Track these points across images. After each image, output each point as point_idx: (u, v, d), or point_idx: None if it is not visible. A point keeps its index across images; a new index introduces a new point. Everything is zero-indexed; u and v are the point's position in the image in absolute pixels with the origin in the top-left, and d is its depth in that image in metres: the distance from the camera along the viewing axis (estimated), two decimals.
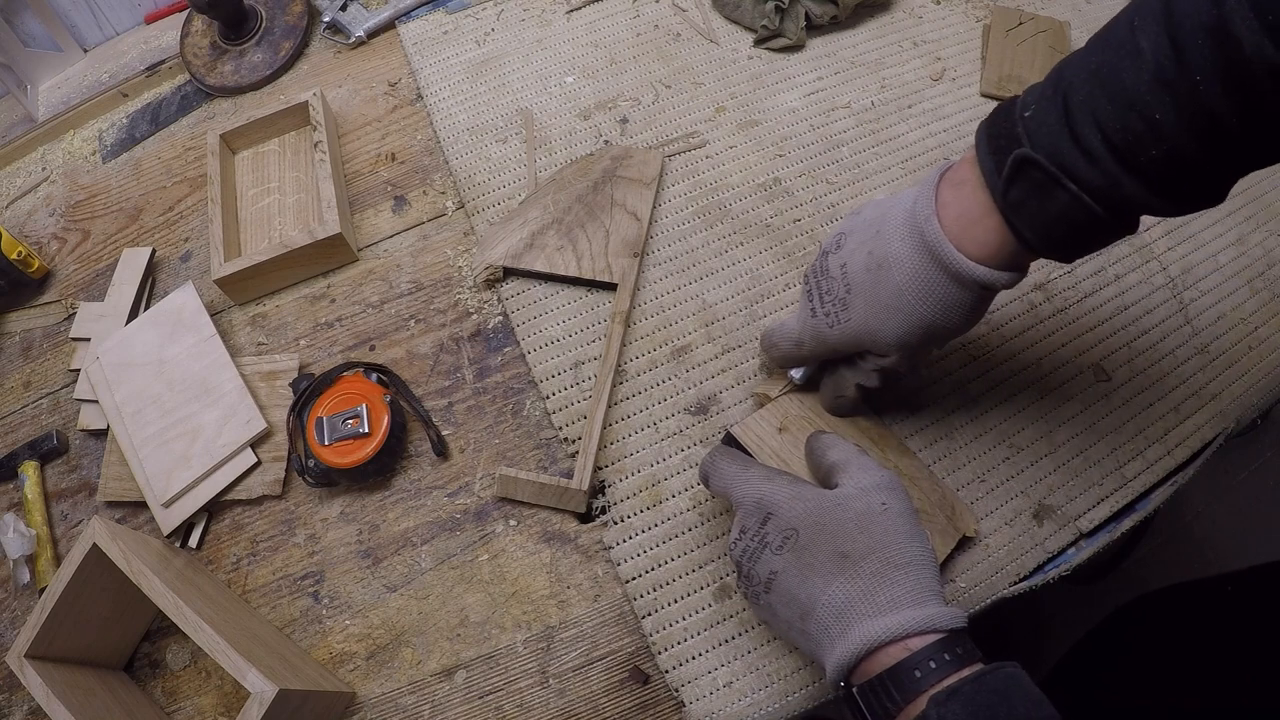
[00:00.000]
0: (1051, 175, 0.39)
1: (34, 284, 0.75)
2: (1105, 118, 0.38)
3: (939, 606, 0.41)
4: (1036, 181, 0.40)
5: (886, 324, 0.47)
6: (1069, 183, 0.39)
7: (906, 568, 0.42)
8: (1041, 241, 0.42)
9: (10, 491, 0.67)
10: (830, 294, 0.49)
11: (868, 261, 0.47)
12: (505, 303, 0.68)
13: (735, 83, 0.79)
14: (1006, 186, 0.41)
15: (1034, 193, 0.40)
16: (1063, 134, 0.39)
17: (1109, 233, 0.41)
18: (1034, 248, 0.42)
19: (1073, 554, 0.58)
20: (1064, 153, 0.39)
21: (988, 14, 0.83)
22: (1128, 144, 0.37)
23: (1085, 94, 0.38)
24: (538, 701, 0.55)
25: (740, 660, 0.54)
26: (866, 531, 0.43)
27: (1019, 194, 0.41)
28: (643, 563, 0.57)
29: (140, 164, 0.81)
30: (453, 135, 0.77)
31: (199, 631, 0.49)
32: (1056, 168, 0.39)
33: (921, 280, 0.45)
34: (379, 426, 0.60)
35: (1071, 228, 0.41)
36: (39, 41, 0.89)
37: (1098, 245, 0.43)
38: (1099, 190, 0.39)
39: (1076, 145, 0.39)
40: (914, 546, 0.43)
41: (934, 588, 0.42)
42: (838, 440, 0.50)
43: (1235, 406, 0.63)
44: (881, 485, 0.45)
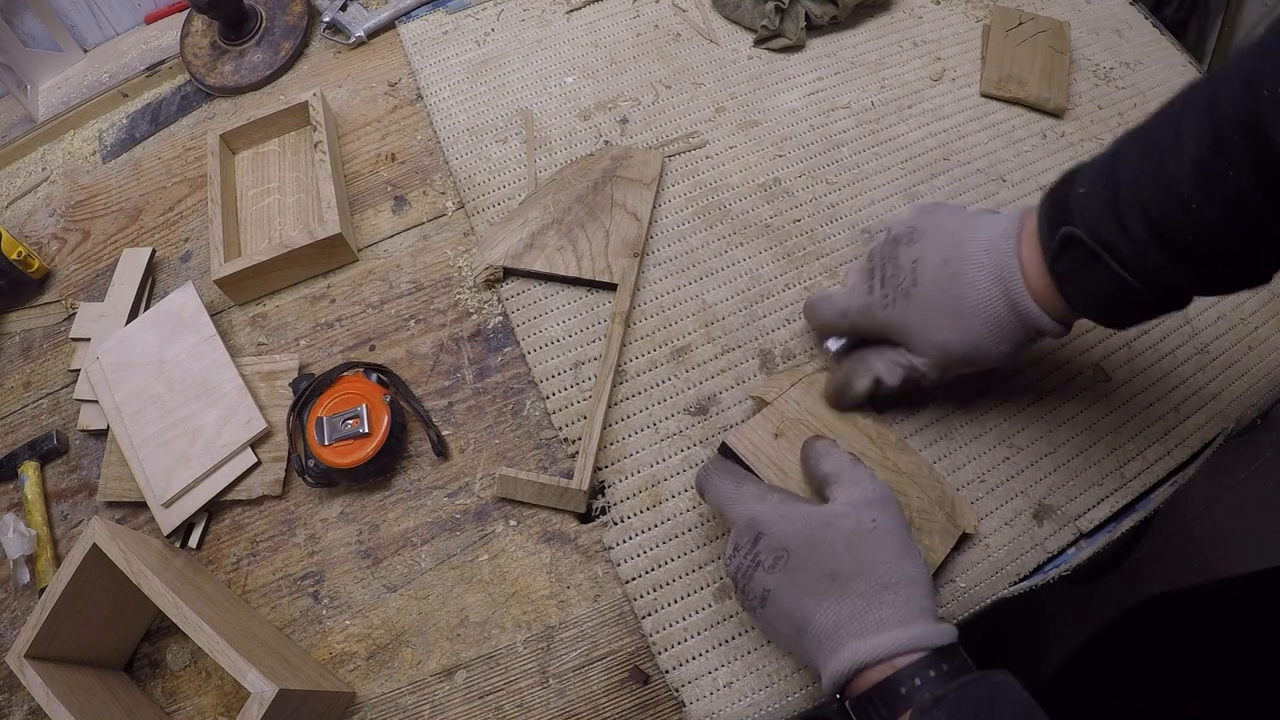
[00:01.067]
0: (1094, 252, 0.43)
1: (34, 284, 0.75)
2: (1148, 201, 0.41)
3: (927, 625, 0.41)
4: (1081, 257, 0.44)
5: (940, 327, 0.49)
6: (1110, 260, 0.42)
7: (895, 588, 0.42)
8: (1087, 309, 0.45)
9: (10, 491, 0.67)
10: (894, 280, 0.51)
11: (942, 270, 0.49)
12: (505, 303, 0.68)
13: (735, 83, 0.79)
14: (1054, 259, 0.45)
15: (1079, 266, 0.44)
16: (1109, 214, 0.42)
17: (1154, 307, 0.45)
18: (1081, 310, 0.46)
19: (1073, 554, 0.58)
20: (1108, 231, 0.42)
21: (988, 14, 0.83)
22: (1166, 227, 0.40)
23: (1133, 176, 0.42)
24: (538, 701, 0.55)
25: (740, 660, 0.54)
26: (855, 552, 0.43)
27: (1065, 266, 0.45)
28: (643, 563, 0.57)
29: (140, 164, 0.81)
30: (453, 135, 0.77)
31: (199, 631, 0.49)
32: (1099, 244, 0.42)
33: (988, 305, 0.48)
34: (379, 426, 0.60)
35: (1114, 300, 0.44)
36: (39, 41, 0.89)
37: (1147, 316, 0.46)
38: (1138, 269, 0.42)
39: (1120, 225, 0.42)
40: (903, 565, 0.43)
41: (923, 605, 0.42)
42: (831, 449, 0.50)
43: (1235, 406, 0.63)
44: (872, 500, 0.45)
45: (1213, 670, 0.60)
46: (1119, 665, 0.67)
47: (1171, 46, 0.83)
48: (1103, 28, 0.83)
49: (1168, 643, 0.66)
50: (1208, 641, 0.63)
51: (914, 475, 0.55)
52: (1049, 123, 0.76)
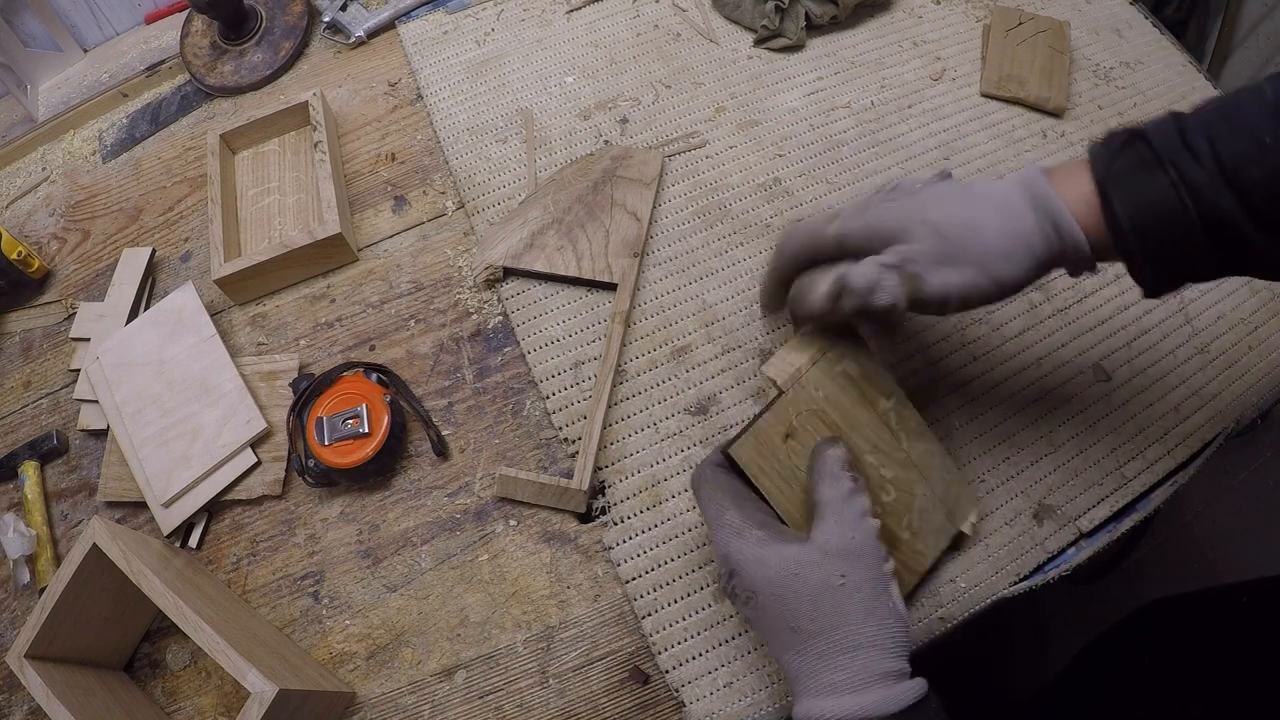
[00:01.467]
0: (1157, 155, 0.40)
1: (34, 284, 0.75)
2: (1218, 135, 0.39)
3: (884, 690, 0.40)
4: (1142, 158, 0.41)
5: (935, 207, 0.44)
6: (1171, 168, 0.40)
7: (854, 652, 0.41)
8: (1130, 221, 0.41)
9: (10, 491, 0.67)
10: (901, 189, 0.47)
11: (953, 185, 0.46)
12: (505, 303, 0.68)
13: (735, 83, 0.79)
14: (1112, 158, 0.42)
15: (1137, 169, 0.41)
16: (1175, 137, 0.40)
17: (1193, 247, 0.41)
18: (1120, 229, 0.41)
19: (1073, 554, 0.58)
20: (1173, 148, 0.40)
21: (988, 14, 0.83)
22: (1234, 160, 0.39)
23: (1201, 117, 0.41)
24: (538, 701, 0.55)
25: (740, 660, 0.54)
26: (818, 608, 0.42)
27: (1123, 165, 0.41)
28: (643, 563, 0.57)
29: (140, 164, 0.81)
30: (453, 135, 0.77)
31: (199, 631, 0.49)
32: (1164, 154, 0.40)
33: (1000, 193, 0.43)
34: (379, 426, 0.60)
35: (1161, 219, 0.40)
36: (39, 41, 0.89)
37: (1178, 264, 0.42)
38: (1197, 188, 0.39)
39: (1186, 148, 0.40)
40: (867, 628, 0.41)
41: (882, 669, 0.41)
42: (833, 471, 0.46)
43: (1235, 406, 0.63)
44: (847, 552, 0.42)
45: (1215, 676, 0.60)
46: (1121, 670, 0.67)
47: (1171, 46, 0.83)
48: (1103, 27, 0.83)
49: (1170, 648, 0.66)
50: (1210, 647, 0.63)
51: (925, 468, 0.53)
52: (1049, 122, 0.76)
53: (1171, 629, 0.68)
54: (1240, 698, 0.57)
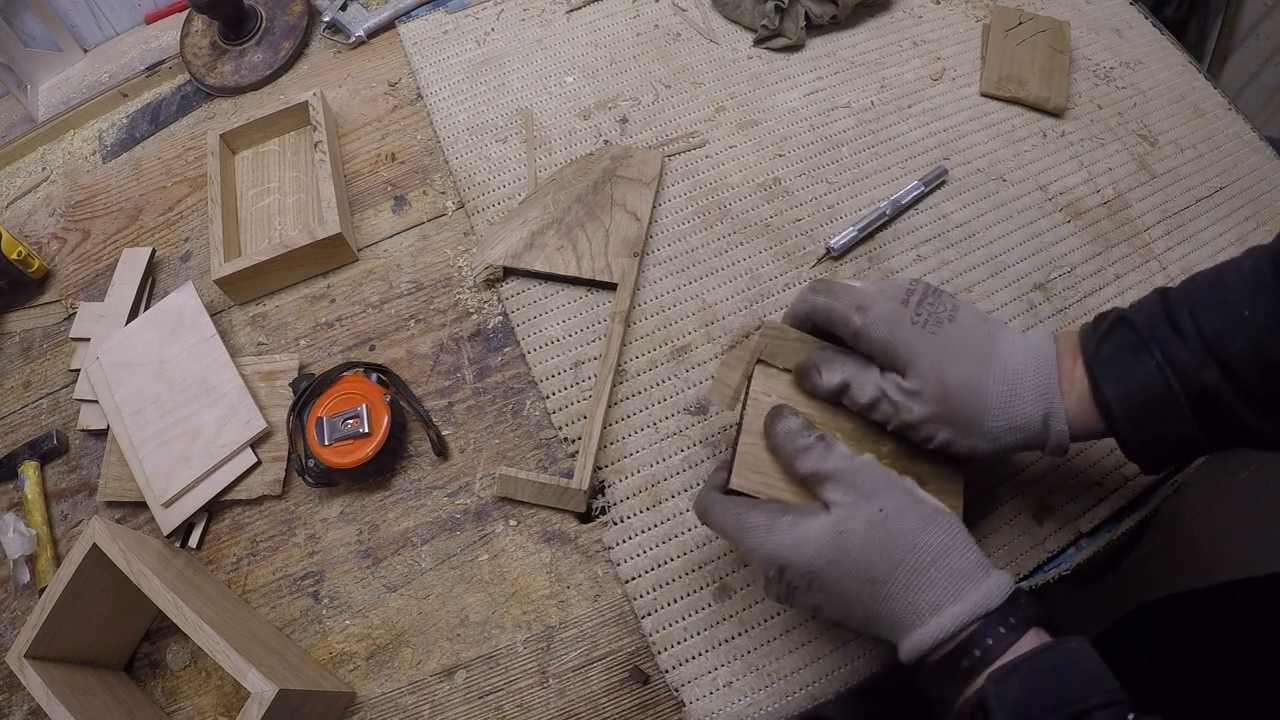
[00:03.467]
0: (1142, 339, 0.42)
1: (34, 284, 0.75)
2: (1200, 308, 0.41)
3: (977, 587, 0.40)
4: (1127, 343, 0.43)
5: (953, 366, 0.44)
6: (1156, 350, 0.42)
7: (933, 566, 0.41)
8: (1120, 404, 0.42)
9: (10, 491, 0.67)
10: (932, 307, 0.46)
11: (980, 321, 0.46)
12: (505, 303, 0.68)
13: (735, 83, 0.79)
14: (1099, 342, 0.44)
15: (1123, 353, 0.43)
16: (1160, 315, 0.43)
17: (1182, 425, 0.42)
18: (1111, 413, 0.43)
19: (1073, 554, 0.58)
20: (1157, 327, 0.42)
21: (988, 14, 0.83)
22: (1216, 332, 0.40)
23: (1183, 291, 0.43)
24: (538, 701, 0.55)
25: (740, 660, 0.54)
26: (880, 550, 0.41)
27: (1109, 350, 0.43)
28: (643, 563, 0.57)
29: (140, 164, 0.81)
30: (453, 135, 0.77)
31: (199, 631, 0.49)
32: (1148, 336, 0.42)
33: (1012, 371, 0.44)
34: (379, 426, 0.60)
35: (1150, 401, 0.42)
36: (39, 41, 0.89)
37: (1172, 442, 0.43)
38: (1183, 367, 0.41)
39: (1171, 325, 0.42)
40: (931, 539, 0.41)
41: (967, 569, 0.41)
42: (797, 443, 0.45)
43: None
44: (868, 490, 0.43)
45: (1212, 675, 0.60)
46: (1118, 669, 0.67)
47: (1171, 46, 0.83)
48: (1103, 27, 0.83)
49: (1166, 647, 0.66)
50: (1205, 646, 0.63)
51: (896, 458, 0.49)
52: (1049, 122, 0.76)
53: (1166, 628, 0.68)
54: (1237, 696, 0.57)
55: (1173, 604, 0.69)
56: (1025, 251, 0.69)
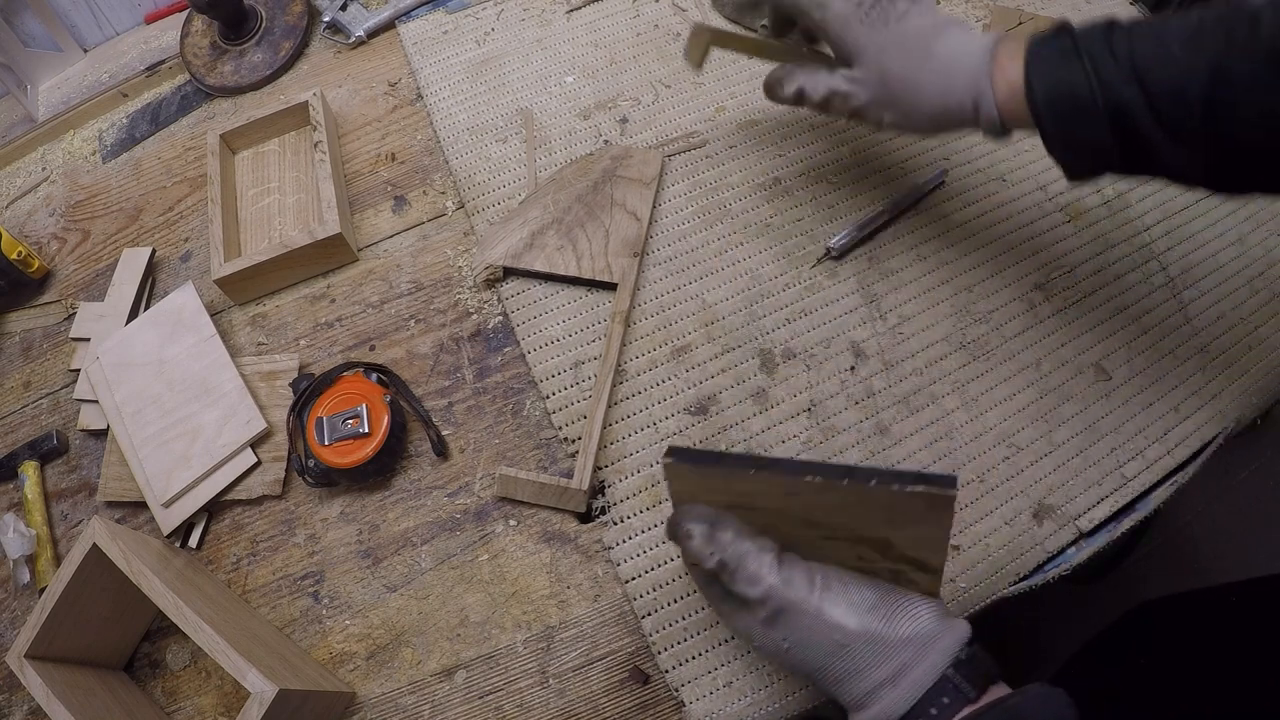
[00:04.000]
0: (1077, 48, 0.46)
1: (34, 284, 0.75)
2: (1138, 39, 0.45)
3: (909, 674, 0.40)
4: (1063, 47, 0.47)
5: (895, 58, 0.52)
6: (1087, 60, 0.46)
7: (846, 681, 0.41)
8: (1045, 98, 0.47)
9: (10, 491, 0.67)
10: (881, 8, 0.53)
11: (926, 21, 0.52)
12: (505, 303, 0.68)
13: (735, 82, 0.79)
14: (1041, 43, 0.48)
15: (1057, 55, 0.47)
16: (1100, 34, 0.46)
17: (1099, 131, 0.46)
18: (1036, 106, 0.48)
19: (1073, 554, 0.58)
20: (1094, 44, 0.46)
21: (988, 14, 0.83)
22: (1146, 63, 0.44)
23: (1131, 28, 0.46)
24: (538, 701, 0.55)
25: (740, 660, 0.54)
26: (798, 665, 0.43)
27: (1046, 51, 0.48)
28: (643, 563, 0.57)
29: (140, 164, 0.81)
30: (453, 135, 0.77)
31: (199, 631, 0.49)
32: (1083, 48, 0.46)
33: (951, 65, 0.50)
34: (379, 426, 0.60)
35: (1071, 101, 0.46)
36: (39, 41, 0.89)
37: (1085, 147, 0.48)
38: (1107, 80, 0.45)
39: (1107, 46, 0.46)
40: (834, 666, 0.41)
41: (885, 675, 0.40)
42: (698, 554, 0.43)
43: (1235, 406, 0.63)
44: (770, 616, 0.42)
45: (1210, 675, 0.60)
46: (1117, 669, 0.67)
47: None
48: None
49: (1164, 648, 0.66)
50: (1203, 646, 0.63)
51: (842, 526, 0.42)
52: None
53: (1164, 629, 0.68)
54: (1235, 697, 0.57)
55: (1172, 604, 0.69)
56: (1025, 251, 0.69)
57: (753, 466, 0.40)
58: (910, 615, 0.41)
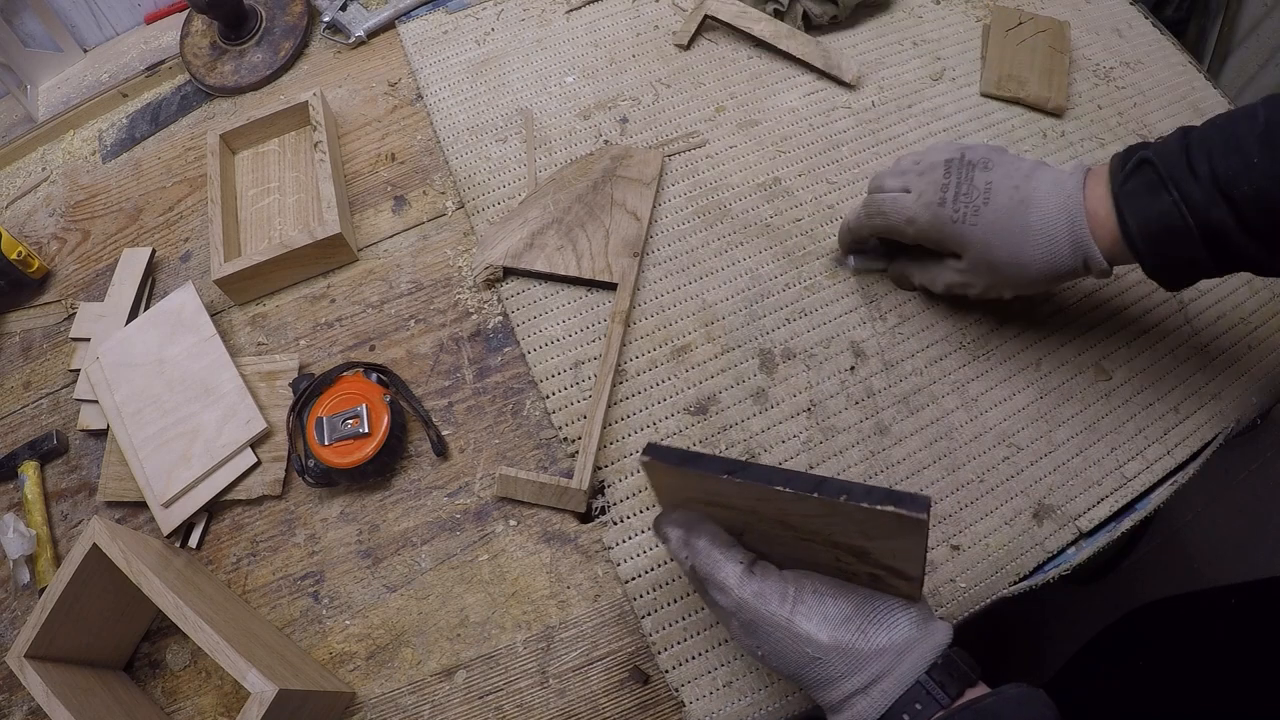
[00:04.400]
0: (1161, 178, 0.48)
1: (34, 284, 0.75)
2: (1215, 152, 0.47)
3: (883, 680, 0.40)
4: (1149, 181, 0.49)
5: (999, 248, 0.54)
6: (1173, 189, 0.47)
7: (821, 689, 0.42)
8: (1140, 232, 0.49)
9: (10, 491, 0.67)
10: (967, 198, 0.55)
11: (1012, 195, 0.53)
12: (505, 303, 0.68)
13: (735, 82, 0.79)
14: (1125, 179, 0.50)
15: (1145, 189, 0.49)
16: (1179, 157, 0.48)
17: (1193, 252, 0.48)
18: (1133, 241, 0.49)
19: (1073, 554, 0.58)
20: (1175, 169, 0.48)
21: (988, 14, 0.83)
22: (1227, 176, 0.46)
23: (1203, 135, 0.48)
24: (538, 701, 0.55)
25: (740, 660, 0.54)
26: (774, 669, 0.44)
27: (1133, 186, 0.50)
28: (643, 563, 0.57)
29: (140, 164, 0.81)
30: (453, 135, 0.77)
31: (199, 631, 0.49)
32: (1167, 176, 0.48)
33: (1050, 231, 0.52)
34: (379, 426, 0.60)
35: (1164, 232, 0.48)
36: (39, 41, 0.89)
37: (1185, 265, 0.50)
38: (1195, 205, 0.47)
39: (1188, 168, 0.47)
40: (808, 674, 0.42)
41: (858, 685, 0.40)
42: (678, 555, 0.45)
43: (1235, 406, 0.63)
44: (750, 628, 0.43)
45: (1209, 677, 0.60)
46: (1117, 670, 0.67)
47: (1171, 46, 0.83)
48: (1103, 27, 0.83)
49: (1163, 649, 0.66)
50: (1202, 648, 0.63)
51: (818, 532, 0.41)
52: (1049, 122, 0.76)
53: (1164, 631, 0.68)
54: (1233, 699, 0.57)
55: (1171, 606, 0.69)
56: None
57: (725, 471, 0.40)
58: (886, 625, 0.41)
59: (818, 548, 0.42)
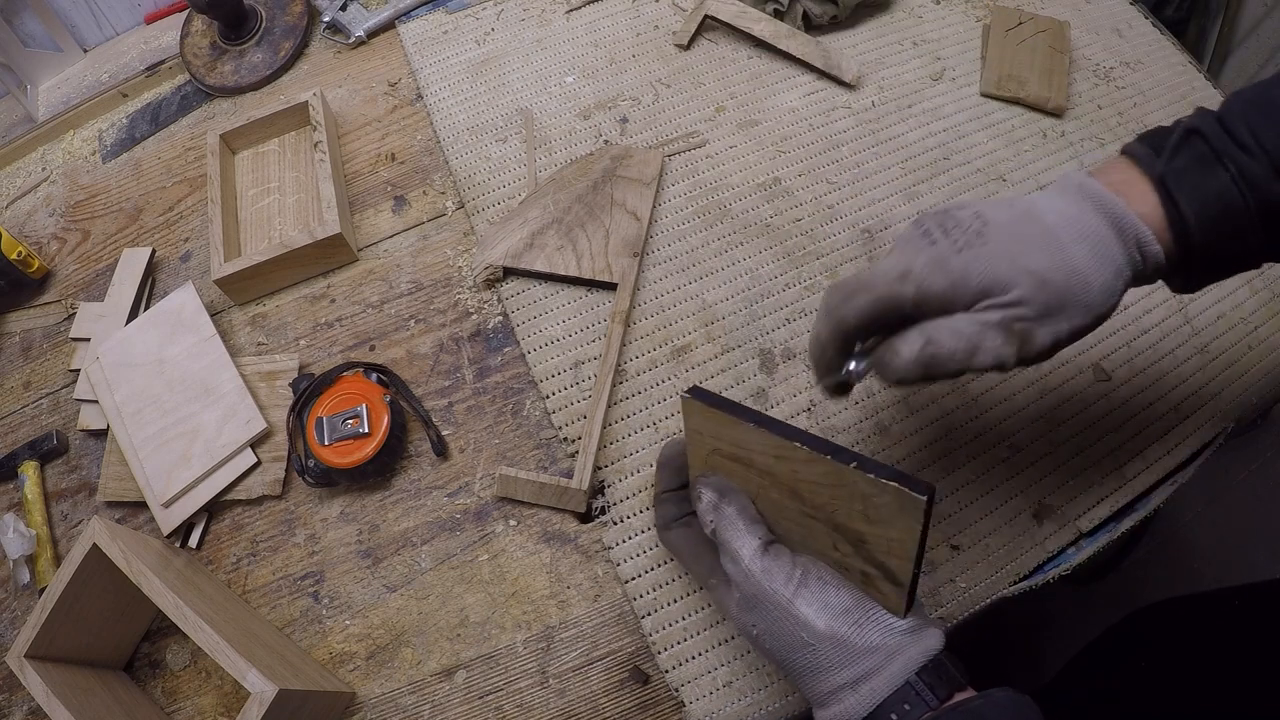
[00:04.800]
0: (1215, 150, 0.40)
1: (34, 284, 0.75)
2: (1259, 125, 0.39)
3: (871, 679, 0.40)
4: (1201, 154, 0.40)
5: (1029, 253, 0.39)
6: (1230, 164, 0.39)
7: (807, 678, 0.42)
8: (1197, 216, 0.40)
9: (10, 491, 0.67)
10: (959, 229, 0.40)
11: (1009, 209, 0.41)
12: (505, 303, 0.68)
13: (735, 82, 0.79)
14: (1171, 155, 0.41)
15: (1197, 165, 0.40)
16: (1220, 131, 0.40)
17: (1250, 238, 0.40)
18: (1187, 226, 0.40)
19: (1073, 554, 0.58)
20: (1224, 142, 0.40)
21: (988, 14, 0.83)
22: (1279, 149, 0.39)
23: (1238, 110, 0.40)
24: (538, 701, 0.55)
25: (740, 660, 0.54)
26: (765, 653, 0.44)
27: (1182, 163, 0.41)
28: (643, 563, 0.57)
29: (140, 164, 0.81)
30: (453, 135, 0.77)
31: (199, 631, 0.49)
32: (1220, 149, 0.40)
33: (1078, 220, 0.40)
34: (379, 426, 0.60)
35: (1225, 213, 0.40)
36: (39, 41, 0.89)
37: (1232, 258, 0.42)
38: (1255, 181, 0.39)
39: (1234, 142, 0.40)
40: (798, 660, 0.42)
41: (844, 680, 0.41)
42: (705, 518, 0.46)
43: (1235, 406, 0.63)
44: (750, 604, 0.44)
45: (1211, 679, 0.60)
46: (1118, 672, 0.67)
47: (1171, 46, 0.83)
48: (1103, 27, 0.83)
49: (1165, 651, 0.66)
50: (1204, 651, 0.63)
51: (823, 506, 0.41)
52: (1049, 122, 0.76)
53: (1166, 632, 0.68)
54: (1235, 701, 0.57)
55: (1173, 607, 0.69)
56: None
57: (752, 420, 0.41)
58: (882, 624, 0.41)
59: (819, 529, 0.42)
